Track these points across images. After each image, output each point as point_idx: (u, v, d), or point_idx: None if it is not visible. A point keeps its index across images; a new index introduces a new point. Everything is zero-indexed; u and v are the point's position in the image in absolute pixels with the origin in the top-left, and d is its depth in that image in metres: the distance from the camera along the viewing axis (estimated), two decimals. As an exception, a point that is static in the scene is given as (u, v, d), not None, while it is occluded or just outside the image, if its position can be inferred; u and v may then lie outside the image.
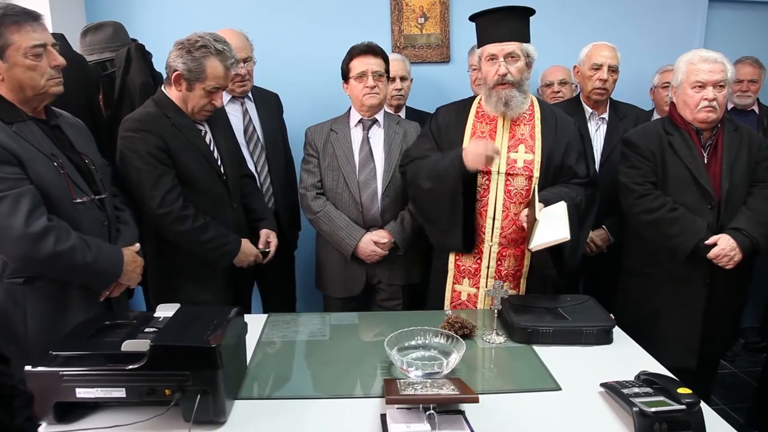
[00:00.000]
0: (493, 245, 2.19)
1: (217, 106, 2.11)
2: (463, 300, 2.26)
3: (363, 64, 2.38)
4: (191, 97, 2.07)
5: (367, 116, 2.46)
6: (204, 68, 2.01)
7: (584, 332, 1.79)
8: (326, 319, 2.03)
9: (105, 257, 1.72)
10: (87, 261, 1.66)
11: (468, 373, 1.63)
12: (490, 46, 2.13)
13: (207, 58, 2.01)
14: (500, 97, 2.13)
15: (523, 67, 2.15)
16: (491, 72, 2.13)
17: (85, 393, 1.32)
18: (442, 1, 3.44)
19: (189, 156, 2.08)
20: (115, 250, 1.79)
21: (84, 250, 1.66)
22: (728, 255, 2.11)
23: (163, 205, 2.01)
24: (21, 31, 1.61)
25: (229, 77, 2.11)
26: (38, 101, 1.70)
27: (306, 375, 1.64)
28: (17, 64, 1.61)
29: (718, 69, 2.19)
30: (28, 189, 1.59)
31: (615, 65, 2.77)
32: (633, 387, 1.43)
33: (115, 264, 1.76)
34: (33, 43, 1.62)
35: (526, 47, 2.13)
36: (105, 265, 1.73)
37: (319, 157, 2.47)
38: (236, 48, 2.56)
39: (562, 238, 1.89)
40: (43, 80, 1.66)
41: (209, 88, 2.04)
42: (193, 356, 1.30)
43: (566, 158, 2.19)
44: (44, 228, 1.58)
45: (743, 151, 2.24)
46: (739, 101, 3.32)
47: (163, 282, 2.17)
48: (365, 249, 2.41)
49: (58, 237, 1.60)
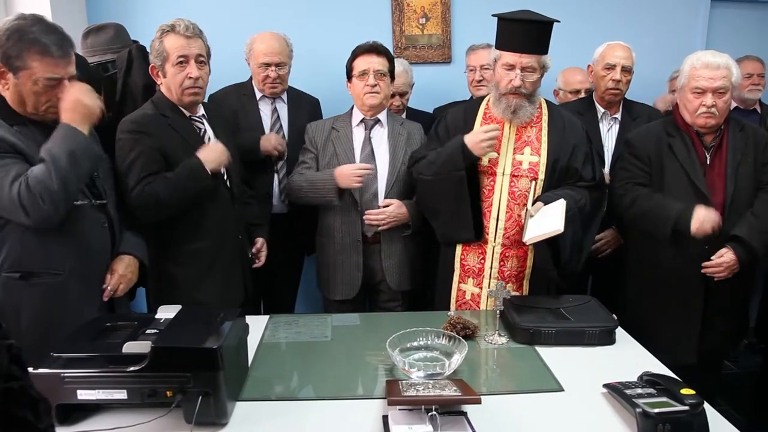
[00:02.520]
0: (497, 246, 2.18)
1: (194, 78, 2.06)
2: (468, 299, 2.26)
3: (365, 62, 2.38)
4: (170, 82, 2.07)
5: (369, 116, 2.45)
6: (164, 48, 2.04)
7: (587, 333, 1.79)
8: (328, 321, 2.03)
9: None
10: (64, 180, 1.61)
11: (470, 374, 1.62)
12: (508, 55, 2.09)
13: (163, 39, 2.04)
14: (510, 104, 2.13)
15: (538, 79, 2.13)
16: (505, 80, 2.11)
17: (86, 395, 1.32)
18: (444, 2, 3.44)
19: (186, 156, 2.07)
20: None
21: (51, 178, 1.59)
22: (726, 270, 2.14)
23: (132, 192, 1.98)
24: (44, 60, 1.62)
25: (191, 45, 2.05)
26: (36, 118, 1.70)
27: (308, 376, 1.63)
28: (25, 86, 1.63)
29: (719, 75, 2.16)
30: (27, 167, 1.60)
31: (629, 65, 2.75)
32: (636, 388, 1.42)
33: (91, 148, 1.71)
34: (49, 76, 1.63)
35: (544, 59, 2.11)
36: None
37: (318, 154, 2.46)
38: (273, 52, 2.71)
39: (554, 231, 1.91)
40: (44, 107, 1.67)
41: (175, 62, 2.04)
42: (194, 358, 1.30)
43: (572, 161, 2.18)
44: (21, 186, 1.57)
45: (749, 152, 2.22)
46: (750, 95, 3.30)
47: (164, 282, 2.16)
48: (344, 171, 2.32)
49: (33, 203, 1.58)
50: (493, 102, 2.20)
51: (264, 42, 2.74)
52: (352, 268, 2.46)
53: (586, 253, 2.22)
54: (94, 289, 1.79)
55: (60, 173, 1.59)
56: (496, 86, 2.17)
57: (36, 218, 1.59)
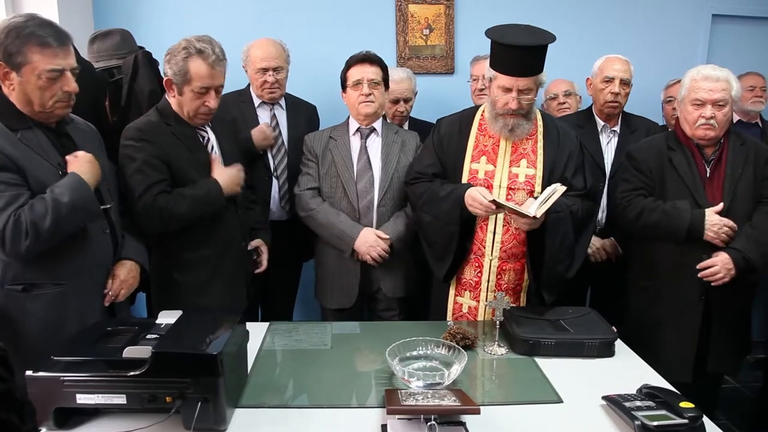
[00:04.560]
0: (494, 259, 2.18)
1: (211, 107, 2.08)
2: (464, 312, 2.26)
3: (359, 72, 2.39)
4: (184, 102, 2.07)
5: (365, 125, 2.46)
6: (188, 70, 2.01)
7: (586, 345, 1.79)
8: (328, 329, 2.03)
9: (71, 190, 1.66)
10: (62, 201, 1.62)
11: (469, 384, 1.62)
12: (504, 78, 2.05)
13: (189, 60, 2.00)
14: (507, 123, 2.12)
15: (534, 96, 2.12)
16: (501, 101, 2.09)
17: (85, 399, 1.32)
18: (447, 13, 3.47)
19: (189, 164, 2.08)
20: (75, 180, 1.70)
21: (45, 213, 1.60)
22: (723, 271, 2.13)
23: (140, 201, 1.99)
24: (44, 53, 1.62)
25: (216, 75, 2.05)
26: (43, 117, 1.71)
27: (307, 384, 1.63)
28: (30, 82, 1.63)
29: (719, 87, 2.18)
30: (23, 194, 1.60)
31: (627, 78, 2.77)
32: (635, 400, 1.42)
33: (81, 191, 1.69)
34: (51, 68, 1.64)
35: (540, 77, 2.09)
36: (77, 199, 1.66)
37: (318, 163, 2.47)
38: (270, 57, 2.72)
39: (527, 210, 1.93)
40: (51, 102, 1.67)
41: (197, 90, 2.03)
42: (194, 363, 1.30)
43: (566, 171, 2.19)
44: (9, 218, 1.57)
45: (749, 166, 2.23)
46: (753, 107, 3.33)
47: (166, 288, 2.17)
48: (367, 239, 2.36)
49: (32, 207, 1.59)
50: (490, 120, 2.19)
51: (261, 47, 2.76)
52: (349, 276, 2.46)
53: (579, 261, 2.20)
54: (96, 294, 1.79)
55: (56, 217, 1.60)
56: (492, 105, 2.15)
57: (9, 250, 1.60)
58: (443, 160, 2.25)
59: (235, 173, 2.17)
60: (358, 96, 2.39)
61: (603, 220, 2.79)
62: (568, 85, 3.19)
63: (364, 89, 2.38)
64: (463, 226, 2.13)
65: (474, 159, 2.20)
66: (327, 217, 2.41)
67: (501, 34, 2.05)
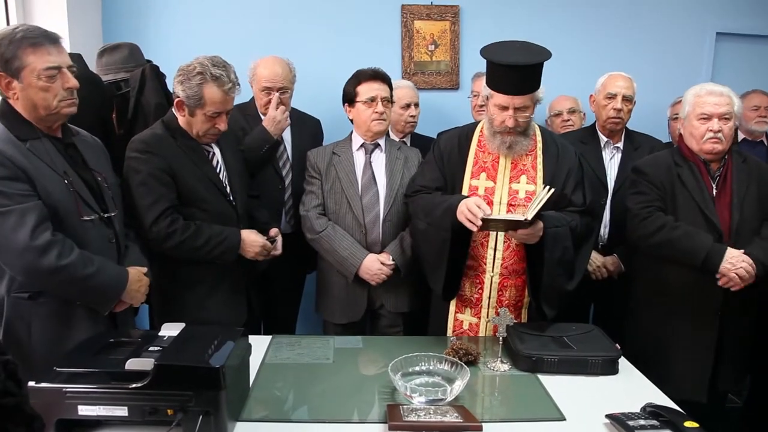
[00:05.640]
0: (495, 276, 2.17)
1: (221, 130, 2.12)
2: (465, 329, 2.25)
3: (372, 89, 2.40)
4: (194, 122, 2.09)
5: (370, 141, 2.48)
6: (201, 95, 2.03)
7: (590, 362, 1.78)
8: (330, 343, 2.02)
9: (107, 275, 1.73)
10: (88, 277, 1.67)
11: (471, 400, 1.61)
12: (500, 97, 2.05)
13: (204, 85, 2.02)
14: (504, 141, 2.12)
15: (531, 114, 2.12)
16: (498, 119, 2.09)
17: (87, 410, 1.32)
18: (453, 29, 3.50)
19: (194, 178, 2.10)
20: (118, 269, 1.79)
21: (86, 266, 1.67)
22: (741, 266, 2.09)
23: (153, 227, 2.02)
24: (37, 53, 1.65)
25: (229, 101, 2.10)
26: (51, 121, 1.73)
27: (309, 398, 1.63)
28: (31, 85, 1.65)
29: (723, 102, 2.22)
30: (35, 204, 1.61)
31: (630, 95, 2.80)
32: (639, 419, 1.41)
33: (117, 282, 1.76)
34: (47, 66, 1.66)
35: (536, 94, 2.08)
36: (107, 282, 1.73)
37: (322, 179, 2.48)
38: (276, 78, 2.73)
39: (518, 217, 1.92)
40: (56, 101, 1.69)
41: (209, 114, 2.06)
42: (196, 376, 1.30)
43: (566, 187, 2.19)
44: (48, 242, 1.60)
45: (753, 184, 2.25)
46: (757, 128, 3.33)
47: (168, 300, 2.17)
48: (371, 267, 2.37)
49: (61, 252, 1.62)
50: (488, 137, 2.19)
51: (267, 67, 2.76)
52: (356, 292, 2.45)
53: (579, 275, 2.18)
54: None
55: (86, 276, 1.66)
56: (490, 122, 2.16)
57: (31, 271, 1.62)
58: (445, 175, 2.25)
59: (261, 243, 2.20)
60: (372, 113, 2.40)
61: (605, 236, 2.79)
62: (573, 102, 3.21)
63: (378, 107, 2.39)
64: (458, 238, 2.11)
65: (474, 175, 2.20)
66: (331, 243, 2.40)
67: (496, 52, 2.06)
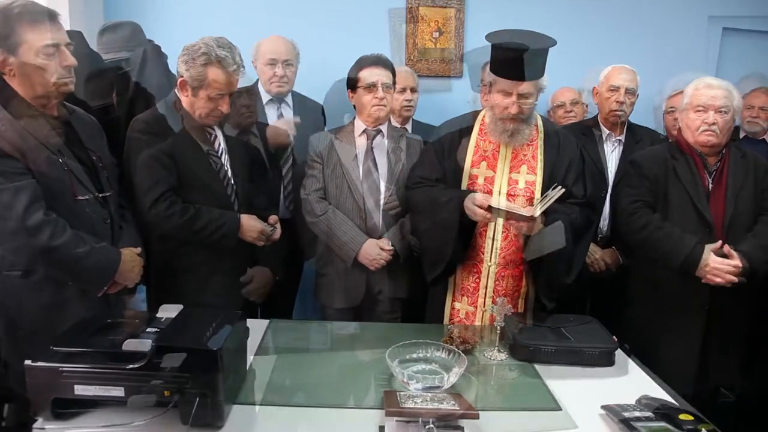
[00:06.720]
0: (492, 265, 2.17)
1: (223, 112, 2.09)
2: (461, 318, 2.25)
3: (373, 75, 2.38)
4: (197, 103, 2.07)
5: (372, 127, 2.46)
6: (205, 76, 2.01)
7: (586, 353, 1.78)
8: (328, 328, 2.03)
9: (100, 255, 1.73)
10: (80, 257, 1.66)
11: (468, 388, 1.62)
12: (504, 82, 2.05)
13: (208, 66, 2.00)
14: (506, 128, 2.11)
15: (534, 101, 2.12)
16: (501, 105, 2.09)
17: (83, 390, 1.32)
18: (458, 17, 3.46)
19: (193, 159, 2.09)
20: (111, 250, 1.78)
21: (78, 246, 1.66)
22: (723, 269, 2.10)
23: (152, 209, 2.01)
24: (35, 30, 1.63)
25: (233, 83, 2.08)
26: (48, 99, 1.71)
27: (305, 383, 1.63)
28: (28, 62, 1.63)
29: (721, 95, 2.22)
30: (29, 183, 1.60)
31: (633, 88, 2.80)
32: (634, 411, 1.41)
33: (110, 263, 1.76)
34: (45, 43, 1.64)
35: (540, 81, 2.09)
36: (99, 263, 1.73)
37: (323, 163, 2.47)
38: (280, 50, 2.76)
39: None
40: (53, 79, 1.67)
41: (213, 95, 2.04)
42: (194, 358, 1.30)
43: (567, 178, 2.18)
44: (40, 222, 1.59)
45: (749, 178, 2.25)
46: (749, 128, 3.32)
47: (166, 283, 2.17)
48: (370, 252, 2.36)
49: (53, 232, 1.61)
50: (489, 124, 2.18)
51: (271, 42, 2.81)
52: (356, 276, 2.45)
53: (577, 268, 2.19)
54: None
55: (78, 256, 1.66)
56: (492, 110, 2.15)
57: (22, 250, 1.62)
58: (444, 165, 2.25)
59: (259, 226, 2.18)
60: (372, 98, 2.38)
61: (605, 229, 2.79)
62: (575, 93, 3.19)
63: (378, 92, 2.37)
64: (462, 233, 2.12)
65: (474, 164, 2.20)
66: (331, 227, 2.40)
67: (501, 38, 2.07)
